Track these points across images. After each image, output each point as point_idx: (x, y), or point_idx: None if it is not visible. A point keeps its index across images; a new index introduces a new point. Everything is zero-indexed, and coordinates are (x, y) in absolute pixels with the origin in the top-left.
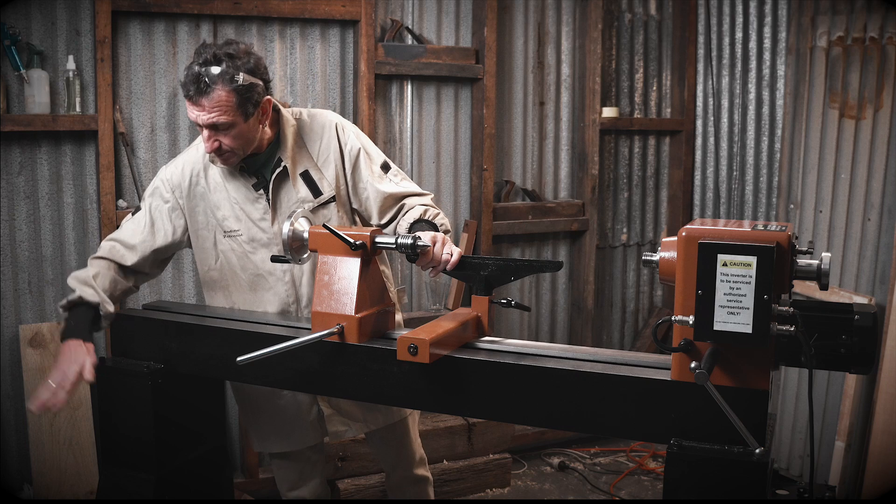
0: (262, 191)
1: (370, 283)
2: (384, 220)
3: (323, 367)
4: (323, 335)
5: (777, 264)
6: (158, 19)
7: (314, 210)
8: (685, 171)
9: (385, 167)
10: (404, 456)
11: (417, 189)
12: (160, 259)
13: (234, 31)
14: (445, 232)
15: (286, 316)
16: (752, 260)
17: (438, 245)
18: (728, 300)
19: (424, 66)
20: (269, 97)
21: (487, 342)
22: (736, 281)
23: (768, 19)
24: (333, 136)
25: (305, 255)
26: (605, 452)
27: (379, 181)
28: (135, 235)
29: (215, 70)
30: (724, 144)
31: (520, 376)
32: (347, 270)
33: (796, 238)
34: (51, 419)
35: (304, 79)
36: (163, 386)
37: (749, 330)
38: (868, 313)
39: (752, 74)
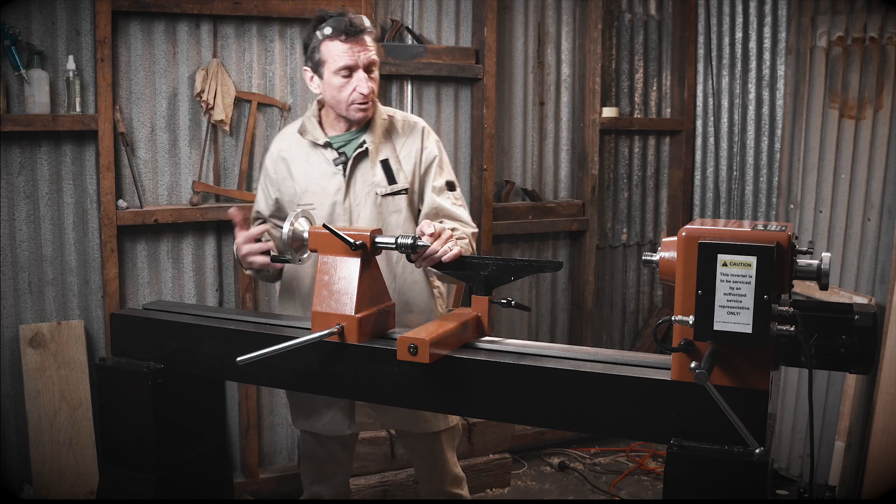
0: (340, 167)
1: (370, 283)
2: None
3: (323, 367)
4: (323, 335)
5: (777, 264)
6: (158, 19)
7: (385, 196)
8: (685, 171)
9: (451, 186)
10: (435, 471)
11: (467, 218)
12: None
13: (234, 31)
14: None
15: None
16: (752, 260)
17: (444, 236)
18: (728, 300)
19: (424, 66)
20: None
21: (487, 342)
22: (736, 281)
23: (768, 19)
24: (418, 137)
25: (305, 255)
26: (605, 452)
27: (437, 194)
28: (259, 212)
29: (362, 18)
30: (724, 144)
31: (520, 376)
32: (347, 270)
33: (796, 238)
34: (51, 419)
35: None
36: (163, 386)
37: (749, 330)
38: (868, 313)
39: (752, 74)
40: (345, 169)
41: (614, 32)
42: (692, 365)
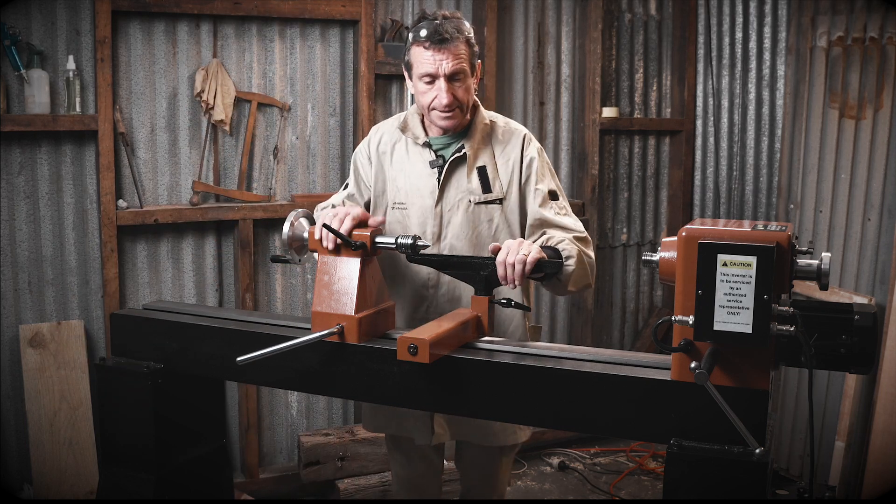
0: (436, 170)
1: (370, 283)
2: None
3: (323, 367)
4: (323, 335)
5: (777, 264)
6: (158, 19)
7: (478, 204)
8: (685, 171)
9: (553, 195)
10: (488, 484)
11: (572, 225)
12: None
13: (234, 31)
14: (566, 258)
15: (290, 316)
16: (752, 260)
17: (513, 248)
18: (728, 300)
19: None
20: (479, 61)
21: (487, 342)
22: (736, 281)
23: (768, 19)
24: (518, 145)
25: (305, 255)
26: (605, 452)
27: (540, 205)
28: (348, 200)
29: (455, 23)
30: (724, 144)
31: (520, 376)
32: (347, 270)
33: (796, 238)
34: (51, 419)
35: (304, 79)
36: (163, 386)
37: (749, 330)
38: (868, 313)
39: (752, 74)
40: (440, 172)
41: (614, 32)
42: (692, 365)
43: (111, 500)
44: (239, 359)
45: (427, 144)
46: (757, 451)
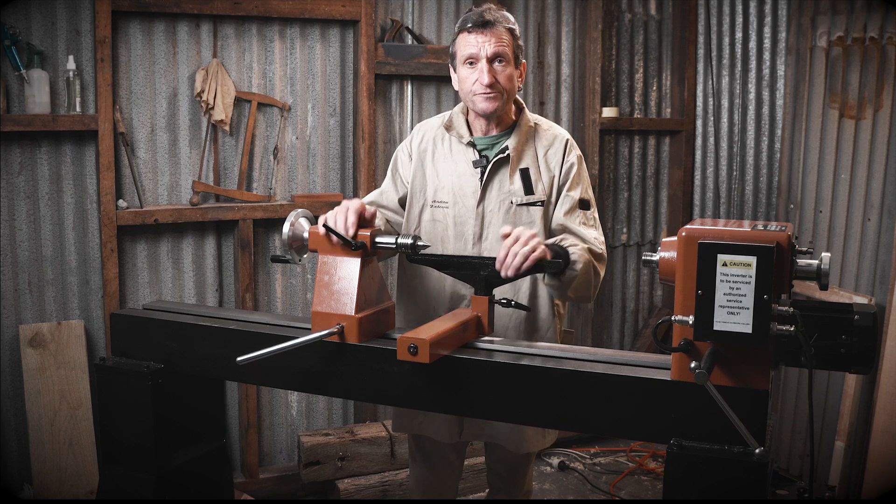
0: (479, 170)
1: (370, 283)
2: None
3: (323, 367)
4: (323, 335)
5: (777, 264)
6: (158, 19)
7: (520, 206)
8: (685, 171)
9: (584, 204)
10: (513, 485)
11: (591, 238)
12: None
13: (234, 31)
14: (573, 262)
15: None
16: (752, 260)
17: (522, 239)
18: (728, 300)
19: (424, 66)
20: (525, 61)
21: (487, 342)
22: (736, 281)
23: (768, 19)
24: (561, 148)
25: (305, 255)
26: (605, 452)
27: (566, 211)
28: (382, 195)
29: (499, 11)
30: (724, 144)
31: (520, 376)
32: (347, 270)
33: (796, 238)
34: (51, 419)
35: (304, 79)
36: (163, 386)
37: (749, 330)
38: (868, 313)
39: (752, 74)
40: (483, 172)
41: (614, 32)
42: (692, 365)
43: (111, 500)
44: (239, 359)
45: (471, 144)
46: (757, 451)
